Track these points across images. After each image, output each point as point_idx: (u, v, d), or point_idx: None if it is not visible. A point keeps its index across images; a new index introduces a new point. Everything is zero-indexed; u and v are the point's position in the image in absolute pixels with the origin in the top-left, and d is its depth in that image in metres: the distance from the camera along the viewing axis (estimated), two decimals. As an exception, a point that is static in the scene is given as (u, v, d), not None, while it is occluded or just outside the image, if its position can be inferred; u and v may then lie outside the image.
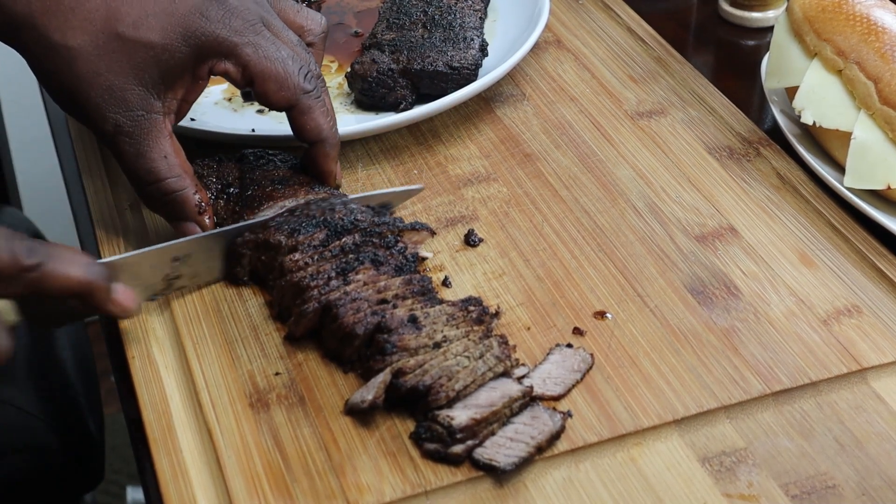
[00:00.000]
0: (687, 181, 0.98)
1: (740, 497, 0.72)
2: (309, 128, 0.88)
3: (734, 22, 1.22)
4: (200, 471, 0.74)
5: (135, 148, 0.84)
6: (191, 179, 0.86)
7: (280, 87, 0.86)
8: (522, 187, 0.97)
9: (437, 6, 1.09)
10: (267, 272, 0.86)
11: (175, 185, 0.86)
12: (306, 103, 0.87)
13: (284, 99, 0.87)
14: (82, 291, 0.75)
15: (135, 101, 0.84)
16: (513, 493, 0.73)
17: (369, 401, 0.74)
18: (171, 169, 0.85)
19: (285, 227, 0.85)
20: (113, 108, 0.83)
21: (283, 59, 0.86)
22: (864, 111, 0.93)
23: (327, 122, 0.88)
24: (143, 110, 0.84)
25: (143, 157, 0.85)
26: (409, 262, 0.85)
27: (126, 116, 0.84)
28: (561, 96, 1.09)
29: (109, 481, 1.99)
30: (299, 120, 0.88)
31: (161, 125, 0.85)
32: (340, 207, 0.86)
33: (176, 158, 0.86)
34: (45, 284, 0.73)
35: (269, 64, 0.85)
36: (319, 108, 0.88)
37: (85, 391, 1.20)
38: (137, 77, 0.83)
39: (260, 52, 0.85)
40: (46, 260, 0.73)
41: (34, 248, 0.73)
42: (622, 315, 0.84)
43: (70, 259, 0.74)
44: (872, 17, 0.96)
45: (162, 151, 0.85)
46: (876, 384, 0.80)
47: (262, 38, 0.86)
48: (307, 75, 0.87)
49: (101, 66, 0.83)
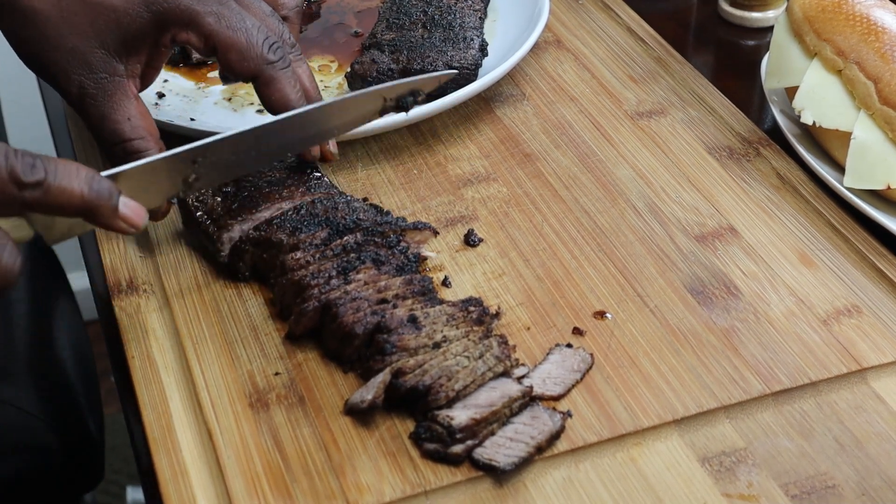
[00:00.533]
0: (687, 181, 0.98)
1: (740, 497, 0.72)
2: (274, 98, 0.88)
3: (734, 22, 1.22)
4: (200, 471, 0.74)
5: (99, 110, 0.86)
6: (154, 142, 0.87)
7: (242, 58, 0.86)
8: (522, 187, 0.97)
9: (437, 6, 1.09)
10: (268, 270, 0.86)
11: (139, 146, 0.86)
12: (270, 73, 0.87)
13: (247, 69, 0.87)
14: (86, 209, 0.73)
15: (97, 63, 0.85)
16: (513, 493, 0.73)
17: (369, 401, 0.75)
18: (135, 130, 0.86)
19: (287, 225, 0.85)
20: (77, 70, 0.85)
21: (247, 28, 0.86)
22: (863, 111, 0.93)
23: (295, 93, 0.88)
24: (105, 73, 0.85)
25: (107, 118, 0.86)
26: (410, 261, 0.85)
27: (89, 79, 0.85)
28: (561, 96, 1.09)
29: (109, 481, 1.99)
30: (264, 91, 0.88)
31: (125, 88, 0.86)
32: (343, 206, 0.86)
33: (141, 121, 0.86)
34: (46, 203, 0.72)
35: (231, 33, 0.86)
36: (286, 79, 0.87)
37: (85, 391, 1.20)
38: (100, 40, 0.85)
39: (223, 21, 0.86)
40: (47, 176, 0.71)
41: (35, 164, 0.71)
42: (622, 315, 0.84)
43: (73, 174, 0.72)
44: (872, 17, 0.96)
45: (126, 113, 0.86)
46: (876, 384, 0.80)
47: (225, 9, 0.86)
48: (272, 45, 0.87)
49: (64, 28, 0.85)
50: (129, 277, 0.88)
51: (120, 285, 0.88)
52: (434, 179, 0.98)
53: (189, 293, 0.87)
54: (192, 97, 1.07)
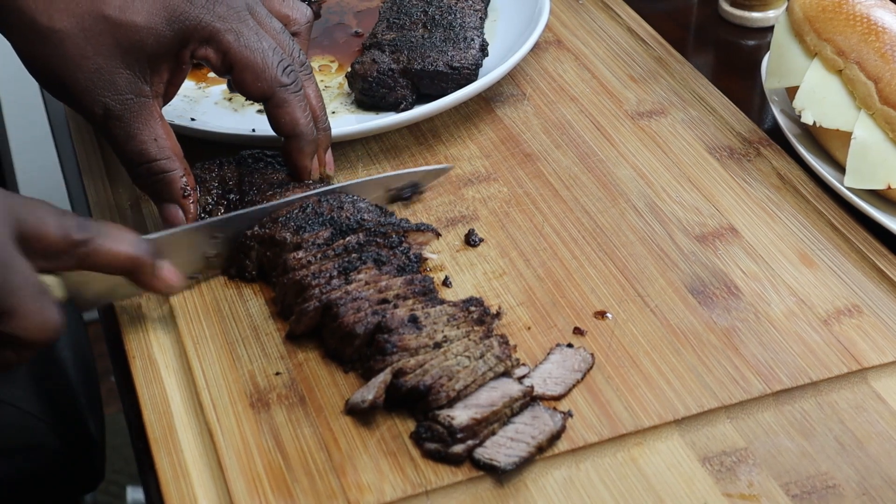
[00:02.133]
0: (687, 181, 0.98)
1: (741, 497, 0.72)
2: (283, 122, 0.88)
3: (734, 22, 1.22)
4: (201, 471, 0.74)
5: (125, 131, 0.85)
6: (180, 162, 0.87)
7: (257, 78, 0.86)
8: (523, 187, 0.97)
9: (437, 6, 1.09)
10: (272, 268, 0.86)
11: (164, 167, 0.86)
12: (282, 96, 0.87)
13: (260, 90, 0.87)
14: (130, 267, 0.77)
15: (123, 84, 0.84)
16: (513, 493, 0.73)
17: (369, 400, 0.75)
18: (161, 151, 0.86)
19: (291, 223, 0.85)
20: (102, 92, 0.84)
21: (264, 49, 0.86)
22: (864, 111, 0.93)
23: (304, 117, 0.89)
24: (132, 94, 0.85)
25: (134, 139, 0.85)
26: (412, 262, 0.85)
27: (115, 100, 0.84)
28: (561, 96, 1.09)
29: (109, 481, 1.99)
30: (274, 112, 0.88)
31: (151, 108, 0.86)
32: (349, 206, 0.87)
33: (167, 141, 0.86)
34: (94, 260, 0.75)
35: (249, 53, 0.86)
36: (297, 103, 0.88)
37: (85, 391, 1.20)
38: (124, 60, 0.84)
39: (241, 40, 0.86)
40: (96, 235, 0.75)
41: (84, 224, 0.75)
42: (622, 315, 0.84)
43: (119, 236, 0.76)
44: (872, 17, 0.96)
45: (152, 134, 0.86)
46: (876, 384, 0.80)
47: (244, 27, 0.86)
48: (286, 68, 0.87)
49: (88, 48, 0.83)
50: (130, 277, 0.88)
51: (120, 285, 0.88)
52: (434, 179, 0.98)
53: (190, 293, 0.87)
54: (192, 97, 1.07)
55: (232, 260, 0.87)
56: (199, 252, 0.86)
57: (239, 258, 0.87)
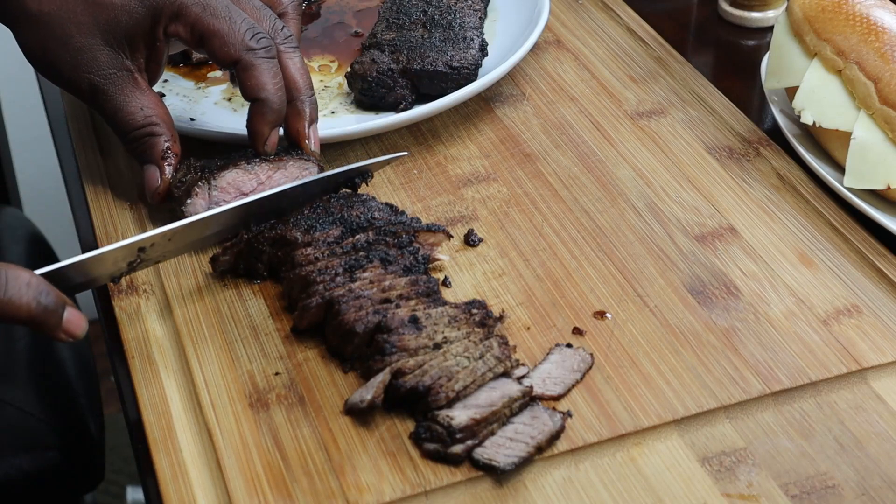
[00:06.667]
0: (687, 181, 0.98)
1: (740, 497, 0.72)
2: (249, 85, 0.89)
3: (734, 22, 1.22)
4: (200, 471, 0.74)
5: (112, 104, 0.90)
6: (167, 127, 0.90)
7: (224, 43, 0.88)
8: (522, 187, 0.97)
9: (437, 6, 1.09)
10: (281, 265, 0.86)
11: (150, 131, 0.90)
12: (249, 60, 0.89)
13: (228, 55, 0.89)
14: (33, 322, 0.74)
15: (105, 60, 0.89)
16: (512, 493, 0.73)
17: (368, 400, 0.75)
18: (147, 118, 0.89)
19: (302, 223, 0.85)
20: (86, 69, 0.89)
21: (231, 17, 0.89)
22: (864, 111, 0.93)
23: (272, 84, 0.90)
24: (114, 69, 0.89)
25: (121, 111, 0.89)
26: (418, 262, 0.85)
27: (99, 75, 0.89)
28: (561, 96, 1.09)
29: (109, 481, 1.99)
30: (241, 77, 0.90)
31: (135, 80, 0.90)
32: (359, 205, 0.87)
33: (153, 109, 0.90)
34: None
35: (215, 20, 0.88)
36: (265, 68, 0.89)
37: (85, 391, 1.20)
38: (104, 38, 0.88)
39: (208, 10, 0.88)
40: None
41: None
42: (622, 315, 0.84)
43: (23, 287, 0.73)
44: (872, 17, 0.96)
45: (138, 104, 0.89)
46: (876, 384, 0.80)
47: (214, 1, 0.89)
48: (256, 34, 0.89)
49: (71, 28, 0.88)
50: (129, 278, 0.88)
51: (120, 286, 0.88)
52: (434, 179, 0.99)
53: (189, 293, 0.87)
54: (192, 97, 1.07)
55: (243, 262, 0.87)
56: (125, 262, 0.83)
57: (250, 261, 0.87)
